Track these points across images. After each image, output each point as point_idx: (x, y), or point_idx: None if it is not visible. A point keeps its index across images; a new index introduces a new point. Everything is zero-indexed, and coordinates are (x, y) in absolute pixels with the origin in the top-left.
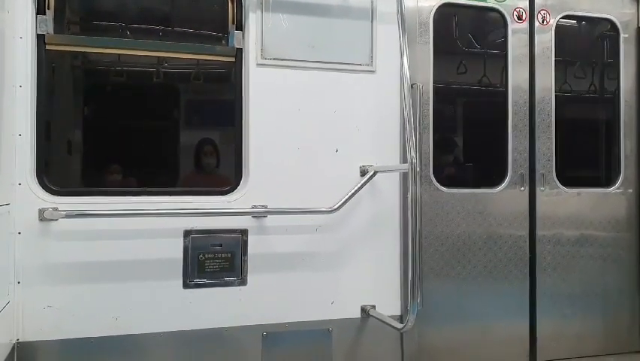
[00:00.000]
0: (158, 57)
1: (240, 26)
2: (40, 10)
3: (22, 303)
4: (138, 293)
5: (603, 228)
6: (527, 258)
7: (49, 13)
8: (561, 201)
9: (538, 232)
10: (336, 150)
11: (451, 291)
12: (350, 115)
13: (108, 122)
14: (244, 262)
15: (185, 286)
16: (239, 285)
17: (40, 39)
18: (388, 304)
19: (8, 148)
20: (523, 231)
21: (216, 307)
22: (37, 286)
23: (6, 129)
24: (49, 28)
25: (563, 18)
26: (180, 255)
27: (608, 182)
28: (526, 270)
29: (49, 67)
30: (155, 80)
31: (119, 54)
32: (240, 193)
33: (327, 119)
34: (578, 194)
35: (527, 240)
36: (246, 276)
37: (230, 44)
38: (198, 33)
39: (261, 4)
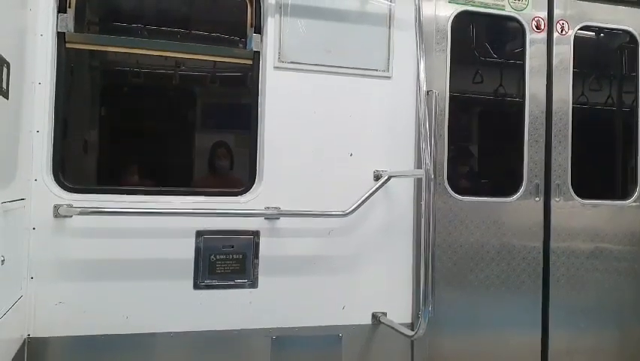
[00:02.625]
0: (176, 59)
1: (258, 30)
2: (62, 8)
3: (34, 298)
4: (149, 292)
5: (619, 241)
6: (541, 269)
7: (70, 12)
8: (576, 213)
9: (553, 244)
10: (351, 154)
11: (463, 300)
12: (365, 120)
13: (124, 122)
14: (255, 264)
15: (196, 287)
16: (249, 287)
17: (61, 37)
18: (399, 311)
19: (26, 144)
20: (537, 242)
21: (226, 309)
22: (49, 282)
23: (24, 126)
24: (69, 26)
25: (581, 29)
26: (192, 255)
27: (625, 195)
28: (540, 281)
29: (69, 65)
30: (172, 82)
31: (138, 55)
32: (253, 195)
33: (342, 123)
34: (594, 206)
35: (541, 251)
36: (256, 278)
37: (248, 47)
38: (217, 36)
39: (280, 8)
